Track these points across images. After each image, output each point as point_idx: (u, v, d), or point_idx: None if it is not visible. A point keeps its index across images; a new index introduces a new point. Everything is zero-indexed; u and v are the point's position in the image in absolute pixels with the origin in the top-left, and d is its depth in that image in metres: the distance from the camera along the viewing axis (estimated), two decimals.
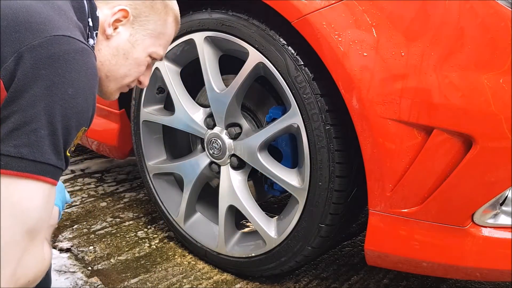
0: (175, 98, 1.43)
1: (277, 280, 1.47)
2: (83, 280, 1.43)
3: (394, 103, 0.99)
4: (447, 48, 0.94)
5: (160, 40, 1.02)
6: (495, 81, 0.92)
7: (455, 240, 1.04)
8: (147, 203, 1.93)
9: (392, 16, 0.98)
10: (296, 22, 1.07)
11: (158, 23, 1.00)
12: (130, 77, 1.01)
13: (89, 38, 0.91)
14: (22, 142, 0.72)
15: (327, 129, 1.13)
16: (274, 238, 1.32)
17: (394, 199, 1.06)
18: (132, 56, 0.98)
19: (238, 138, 1.36)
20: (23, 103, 0.72)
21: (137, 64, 1.00)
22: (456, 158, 0.98)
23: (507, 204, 1.02)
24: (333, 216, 1.20)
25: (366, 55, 1.00)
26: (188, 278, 1.47)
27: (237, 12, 1.24)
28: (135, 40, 0.97)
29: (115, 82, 1.00)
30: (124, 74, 1.00)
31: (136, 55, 0.98)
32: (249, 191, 1.39)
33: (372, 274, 1.51)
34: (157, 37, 1.01)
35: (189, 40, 1.35)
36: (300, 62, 1.14)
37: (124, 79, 1.01)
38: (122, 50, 0.97)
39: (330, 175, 1.16)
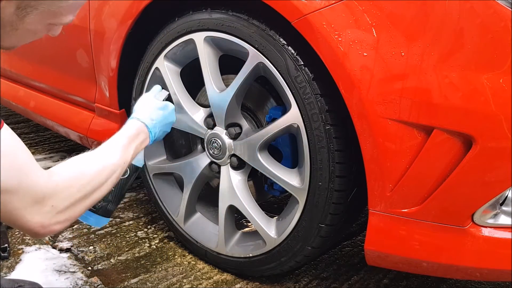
0: (175, 98, 1.43)
1: (277, 280, 1.47)
2: (83, 280, 1.43)
3: (394, 103, 0.99)
4: (447, 48, 0.94)
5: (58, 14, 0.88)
6: (495, 81, 0.92)
7: (455, 240, 1.04)
8: (147, 203, 1.93)
9: (392, 16, 0.98)
10: (296, 22, 1.07)
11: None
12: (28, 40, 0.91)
13: None
14: None
15: (327, 129, 1.13)
16: (274, 238, 1.32)
17: (394, 199, 1.06)
18: (23, 27, 0.85)
19: (238, 138, 1.36)
20: None
21: (33, 32, 0.88)
22: (456, 158, 0.98)
23: (507, 204, 1.02)
24: (333, 216, 1.20)
25: (366, 55, 1.00)
26: (188, 278, 1.47)
27: (237, 12, 1.24)
28: (24, 15, 0.83)
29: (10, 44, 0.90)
30: (17, 41, 0.89)
31: (28, 27, 0.85)
32: (249, 191, 1.39)
33: (372, 274, 1.51)
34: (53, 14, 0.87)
35: (189, 40, 1.35)
36: (300, 62, 1.14)
37: (20, 43, 0.90)
38: (8, 21, 0.83)
39: (330, 175, 1.16)
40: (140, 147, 1.12)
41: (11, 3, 0.81)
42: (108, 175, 0.96)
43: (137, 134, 1.12)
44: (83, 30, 1.62)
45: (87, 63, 1.67)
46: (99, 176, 0.94)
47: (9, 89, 2.24)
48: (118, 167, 0.99)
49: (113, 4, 1.51)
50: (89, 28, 1.60)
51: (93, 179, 0.92)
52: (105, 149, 1.01)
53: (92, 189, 0.91)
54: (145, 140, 1.14)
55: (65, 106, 1.91)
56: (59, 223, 0.85)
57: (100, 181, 0.94)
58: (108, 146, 1.03)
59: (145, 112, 1.18)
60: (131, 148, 1.07)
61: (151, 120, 1.17)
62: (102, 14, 1.56)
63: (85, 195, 0.89)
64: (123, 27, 1.47)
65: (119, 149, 1.03)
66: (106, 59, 1.57)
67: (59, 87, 1.92)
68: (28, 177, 0.79)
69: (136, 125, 1.14)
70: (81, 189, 0.89)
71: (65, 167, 0.90)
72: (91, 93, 1.71)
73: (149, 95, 1.25)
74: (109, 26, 1.52)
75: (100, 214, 1.18)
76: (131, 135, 1.09)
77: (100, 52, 1.59)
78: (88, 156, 0.96)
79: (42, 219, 0.82)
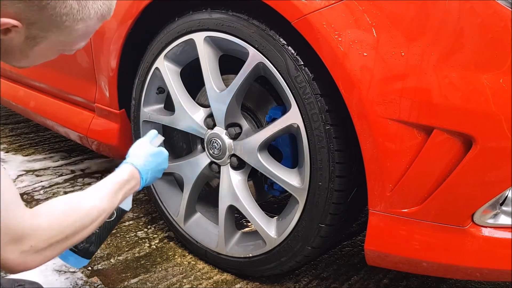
0: (175, 98, 1.43)
1: (277, 280, 1.47)
2: (83, 280, 1.43)
3: (394, 103, 0.99)
4: (447, 48, 0.94)
5: (68, 43, 0.89)
6: (495, 81, 0.92)
7: (455, 240, 1.04)
8: (147, 203, 1.93)
9: (392, 16, 0.98)
10: (296, 22, 1.07)
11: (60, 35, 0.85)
12: (39, 63, 0.93)
13: None
14: None
15: (327, 129, 1.13)
16: (274, 238, 1.32)
17: (394, 199, 1.06)
18: (33, 55, 0.87)
19: (238, 138, 1.36)
20: None
21: (44, 57, 0.90)
22: (456, 158, 0.98)
23: (507, 204, 1.02)
24: (333, 216, 1.20)
25: (366, 55, 1.00)
26: (188, 278, 1.47)
27: (237, 12, 1.24)
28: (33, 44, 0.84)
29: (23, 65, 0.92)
30: (28, 64, 0.91)
31: (38, 55, 0.88)
32: (249, 191, 1.39)
33: (372, 274, 1.51)
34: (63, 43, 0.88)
35: (189, 40, 1.35)
36: (300, 62, 1.14)
37: (31, 65, 0.92)
38: (18, 49, 0.84)
39: (330, 175, 1.16)
40: (129, 192, 1.11)
41: (19, 33, 0.81)
42: (93, 219, 0.95)
43: (129, 179, 1.10)
44: None
45: (87, 63, 1.67)
46: (83, 219, 0.92)
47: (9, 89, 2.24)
48: (104, 212, 0.98)
49: None
50: None
51: (77, 221, 0.91)
52: (93, 192, 1.00)
53: (74, 231, 0.90)
54: (135, 186, 1.13)
55: (65, 106, 1.91)
56: (36, 262, 0.84)
57: (83, 224, 0.92)
58: (97, 190, 1.01)
59: (139, 157, 1.17)
60: (120, 193, 1.06)
61: (144, 166, 1.16)
62: None
63: (66, 236, 0.88)
64: (123, 27, 1.47)
65: (108, 194, 1.01)
66: (106, 59, 1.57)
67: (59, 87, 1.92)
68: (10, 215, 0.78)
69: (128, 170, 1.12)
70: (63, 231, 0.87)
71: (50, 208, 0.89)
72: (91, 93, 1.71)
73: (144, 140, 1.23)
74: (109, 26, 1.52)
75: (81, 256, 1.17)
76: (122, 181, 1.08)
77: (100, 52, 1.59)
78: (75, 197, 0.95)
79: (19, 258, 0.81)
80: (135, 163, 1.14)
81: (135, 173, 1.13)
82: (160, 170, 1.24)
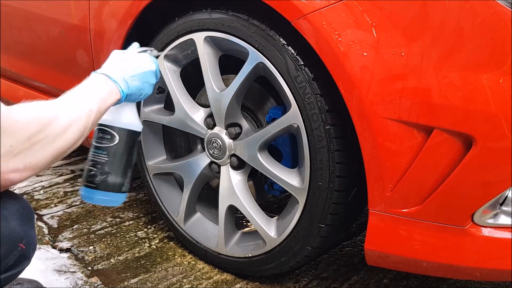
0: (175, 98, 1.43)
1: (277, 280, 1.47)
2: (83, 280, 1.43)
3: (394, 103, 0.99)
4: (447, 48, 0.94)
5: None
6: (495, 81, 0.92)
7: (455, 240, 1.04)
8: (147, 203, 1.93)
9: (392, 16, 0.98)
10: (296, 22, 1.07)
11: None
12: None
13: None
14: None
15: (327, 129, 1.13)
16: (274, 238, 1.32)
17: (394, 199, 1.06)
18: None
19: (238, 138, 1.36)
20: None
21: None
22: (456, 158, 0.98)
23: (507, 204, 1.02)
24: (333, 216, 1.20)
25: (366, 55, 1.00)
26: (188, 278, 1.47)
27: (237, 12, 1.24)
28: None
29: None
30: None
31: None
32: (249, 191, 1.39)
33: (372, 274, 1.51)
34: None
35: (189, 40, 1.35)
36: (300, 62, 1.14)
37: None
38: None
39: (330, 175, 1.16)
40: (108, 97, 1.01)
41: None
42: (72, 120, 0.88)
43: (99, 83, 1.02)
44: (83, 30, 1.62)
45: (87, 63, 1.67)
46: (61, 120, 0.86)
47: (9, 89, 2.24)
48: (81, 113, 0.91)
49: (113, 4, 1.51)
50: (89, 28, 1.60)
51: (54, 121, 0.85)
52: (68, 94, 0.95)
53: (53, 132, 0.84)
54: (111, 90, 1.03)
55: None
56: (18, 171, 0.79)
57: (62, 126, 0.86)
58: (66, 94, 0.96)
59: (108, 64, 1.08)
60: (95, 95, 0.98)
61: (116, 71, 1.06)
62: (102, 14, 1.56)
63: (45, 137, 0.82)
64: (123, 27, 1.47)
65: (79, 95, 0.95)
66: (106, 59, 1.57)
67: (59, 87, 1.92)
68: None
69: (96, 76, 1.04)
70: (42, 129, 0.82)
71: (26, 106, 0.83)
72: None
73: (116, 51, 1.15)
74: (109, 26, 1.52)
75: (103, 190, 1.10)
76: (91, 84, 1.01)
77: (100, 52, 1.59)
78: (51, 100, 0.90)
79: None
80: (101, 71, 1.05)
81: (103, 77, 1.03)
82: (144, 73, 1.12)
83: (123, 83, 1.06)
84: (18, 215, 0.89)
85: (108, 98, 1.02)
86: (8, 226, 0.86)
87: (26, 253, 0.91)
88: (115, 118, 1.12)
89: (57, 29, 1.76)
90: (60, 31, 1.75)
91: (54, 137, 0.85)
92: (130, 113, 1.14)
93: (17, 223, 0.88)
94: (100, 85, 1.02)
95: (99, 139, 1.13)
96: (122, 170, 1.13)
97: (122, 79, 1.06)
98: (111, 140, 1.11)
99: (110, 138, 1.11)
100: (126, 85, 1.06)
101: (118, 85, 1.04)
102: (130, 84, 1.07)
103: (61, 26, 1.74)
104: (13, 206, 0.89)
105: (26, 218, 0.91)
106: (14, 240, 0.87)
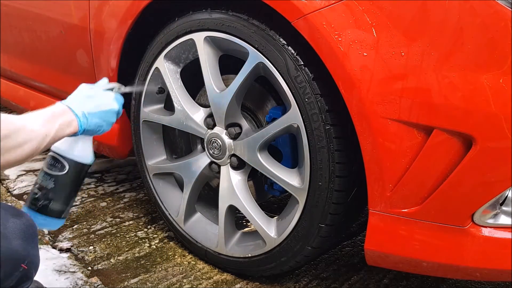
0: (175, 98, 1.43)
1: (277, 280, 1.47)
2: (83, 280, 1.43)
3: (394, 103, 0.99)
4: (447, 48, 0.94)
5: None
6: (495, 81, 0.92)
7: (455, 240, 1.04)
8: (147, 203, 1.93)
9: (392, 16, 0.98)
10: (296, 22, 1.07)
11: None
12: None
13: None
14: None
15: (327, 129, 1.13)
16: (274, 238, 1.32)
17: (394, 199, 1.06)
18: None
19: (238, 138, 1.36)
20: None
21: None
22: (456, 158, 0.98)
23: (507, 204, 1.02)
24: (333, 216, 1.20)
25: (366, 55, 1.00)
26: (188, 278, 1.47)
27: (237, 12, 1.24)
28: None
29: None
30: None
31: None
32: (249, 191, 1.39)
33: (372, 274, 1.51)
34: None
35: (189, 40, 1.35)
36: (300, 62, 1.14)
37: None
38: None
39: (330, 175, 1.16)
40: (66, 127, 1.05)
41: None
42: (28, 139, 0.91)
43: (60, 113, 1.05)
44: (83, 30, 1.62)
45: (87, 63, 1.67)
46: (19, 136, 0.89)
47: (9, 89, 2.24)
48: (38, 135, 0.94)
49: (113, 4, 1.51)
50: (89, 28, 1.60)
51: (13, 135, 0.87)
52: (27, 116, 0.97)
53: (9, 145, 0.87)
54: (72, 121, 1.06)
55: None
56: None
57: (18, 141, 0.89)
58: (31, 115, 0.98)
59: (73, 97, 1.12)
60: (55, 122, 1.01)
61: (79, 105, 1.09)
62: (102, 14, 1.56)
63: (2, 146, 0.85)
64: (123, 27, 1.47)
65: (40, 118, 0.98)
66: (106, 59, 1.57)
67: (59, 87, 1.92)
68: None
69: (58, 105, 1.08)
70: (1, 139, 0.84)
71: (2, 116, 0.86)
72: None
73: (87, 85, 1.18)
74: (109, 26, 1.52)
75: (44, 214, 1.13)
76: (55, 111, 1.04)
77: (100, 52, 1.59)
78: (22, 115, 0.93)
79: None
80: (66, 102, 1.09)
81: (67, 109, 1.07)
82: (105, 111, 1.16)
83: (83, 118, 1.10)
84: (21, 234, 0.89)
85: (67, 128, 1.06)
86: (10, 246, 0.85)
87: (28, 273, 0.90)
88: (68, 149, 1.15)
89: (57, 29, 1.77)
90: (60, 31, 1.75)
91: (7, 149, 0.88)
92: (84, 146, 1.17)
93: (19, 243, 0.87)
94: (62, 115, 1.06)
95: (49, 166, 1.16)
96: (66, 198, 1.17)
97: (83, 114, 1.10)
98: (61, 169, 1.14)
99: (60, 167, 1.14)
100: (85, 121, 1.10)
101: (78, 119, 1.08)
102: (89, 121, 1.11)
103: (61, 26, 1.74)
104: (15, 224, 0.89)
105: (29, 236, 0.91)
106: (16, 261, 0.87)
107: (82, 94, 1.15)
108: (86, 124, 1.10)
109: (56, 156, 1.15)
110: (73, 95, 1.15)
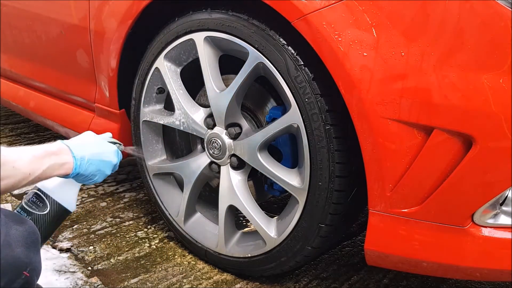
0: (175, 98, 1.43)
1: (277, 280, 1.47)
2: (83, 280, 1.43)
3: (394, 103, 0.99)
4: (447, 48, 0.94)
5: None
6: (495, 81, 0.92)
7: (455, 240, 1.04)
8: (147, 203, 1.93)
9: (392, 16, 0.98)
10: (296, 22, 1.07)
11: None
12: None
13: None
14: None
15: (327, 129, 1.13)
16: (274, 238, 1.32)
17: (394, 199, 1.06)
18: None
19: (238, 138, 1.36)
20: None
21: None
22: (456, 158, 0.98)
23: (507, 204, 1.02)
24: (333, 216, 1.20)
25: (366, 55, 1.00)
26: (188, 278, 1.47)
27: (237, 12, 1.24)
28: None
29: None
30: None
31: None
32: (249, 191, 1.39)
33: (372, 274, 1.51)
34: None
35: (189, 40, 1.35)
36: (300, 62, 1.14)
37: None
38: None
39: (330, 175, 1.16)
40: (58, 168, 1.02)
41: None
42: (7, 176, 0.89)
43: (57, 152, 1.02)
44: (83, 30, 1.62)
45: (87, 63, 1.67)
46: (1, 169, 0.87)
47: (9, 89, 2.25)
48: (18, 174, 0.92)
49: (113, 4, 1.51)
50: (89, 28, 1.61)
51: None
52: (17, 150, 0.94)
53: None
54: (66, 163, 1.03)
55: (65, 106, 1.91)
56: None
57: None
58: (21, 149, 0.96)
59: (75, 140, 1.10)
60: (44, 161, 0.98)
61: (79, 149, 1.07)
62: (102, 14, 1.56)
63: None
64: (123, 27, 1.47)
65: (29, 155, 0.96)
66: (106, 59, 1.57)
67: (59, 87, 1.92)
68: None
69: (58, 144, 1.05)
70: None
71: None
72: (91, 93, 1.71)
73: (90, 132, 1.17)
74: (109, 26, 1.52)
75: None
76: (49, 150, 1.01)
77: (100, 52, 1.59)
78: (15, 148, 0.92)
79: None
80: (67, 142, 1.07)
81: (65, 149, 1.04)
82: (104, 161, 1.13)
83: (81, 162, 1.07)
84: (23, 241, 0.88)
85: (60, 168, 1.03)
86: (12, 254, 0.85)
87: (30, 280, 0.90)
88: (55, 190, 1.12)
89: (57, 29, 1.77)
90: (60, 31, 1.75)
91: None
92: (71, 192, 1.14)
93: (21, 250, 0.87)
94: (56, 154, 1.03)
95: (30, 203, 1.12)
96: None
97: (82, 158, 1.07)
98: (42, 209, 1.11)
99: (41, 206, 1.11)
100: (83, 166, 1.07)
101: (75, 162, 1.05)
102: (86, 166, 1.08)
103: (61, 26, 1.74)
104: (17, 231, 0.88)
105: (31, 243, 0.91)
106: (18, 268, 0.86)
107: (87, 139, 1.13)
108: (81, 169, 1.07)
109: (40, 194, 1.12)
110: (78, 137, 1.13)
